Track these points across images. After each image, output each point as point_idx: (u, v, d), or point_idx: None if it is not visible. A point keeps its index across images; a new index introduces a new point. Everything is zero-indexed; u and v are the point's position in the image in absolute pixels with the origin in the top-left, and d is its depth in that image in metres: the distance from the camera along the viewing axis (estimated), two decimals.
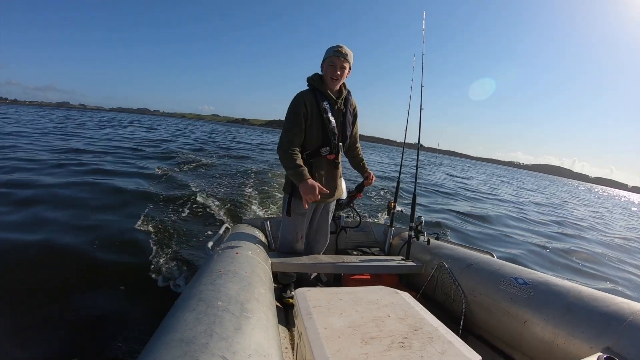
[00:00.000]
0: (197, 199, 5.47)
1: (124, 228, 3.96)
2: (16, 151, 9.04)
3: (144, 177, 7.20)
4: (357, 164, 2.49)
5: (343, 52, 2.07)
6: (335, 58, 2.07)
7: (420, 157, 2.81)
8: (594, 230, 10.36)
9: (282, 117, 2.20)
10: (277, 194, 6.71)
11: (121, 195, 5.41)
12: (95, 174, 7.02)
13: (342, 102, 2.21)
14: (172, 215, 4.57)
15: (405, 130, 2.92)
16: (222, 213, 4.95)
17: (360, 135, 2.55)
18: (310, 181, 1.97)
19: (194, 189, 6.20)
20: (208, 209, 5.02)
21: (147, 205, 4.87)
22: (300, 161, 2.04)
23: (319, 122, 2.12)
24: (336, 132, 2.18)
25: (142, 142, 15.62)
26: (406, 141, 2.93)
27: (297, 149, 2.08)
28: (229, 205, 5.39)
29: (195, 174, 8.17)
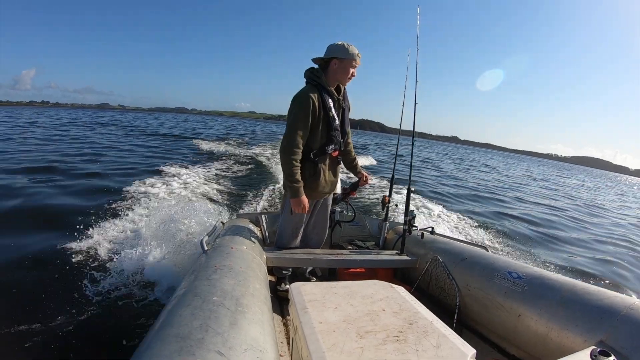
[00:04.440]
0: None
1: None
2: None
3: None
4: (350, 163, 2.51)
5: (359, 54, 2.13)
6: (354, 61, 2.12)
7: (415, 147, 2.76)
8: None
9: None
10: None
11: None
12: None
13: (342, 98, 2.25)
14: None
15: (400, 125, 2.98)
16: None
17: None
18: (304, 198, 2.12)
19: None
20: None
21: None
22: (299, 175, 2.09)
23: (325, 120, 2.15)
24: (339, 129, 2.22)
25: None
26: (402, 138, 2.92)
27: (300, 153, 2.09)
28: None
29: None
